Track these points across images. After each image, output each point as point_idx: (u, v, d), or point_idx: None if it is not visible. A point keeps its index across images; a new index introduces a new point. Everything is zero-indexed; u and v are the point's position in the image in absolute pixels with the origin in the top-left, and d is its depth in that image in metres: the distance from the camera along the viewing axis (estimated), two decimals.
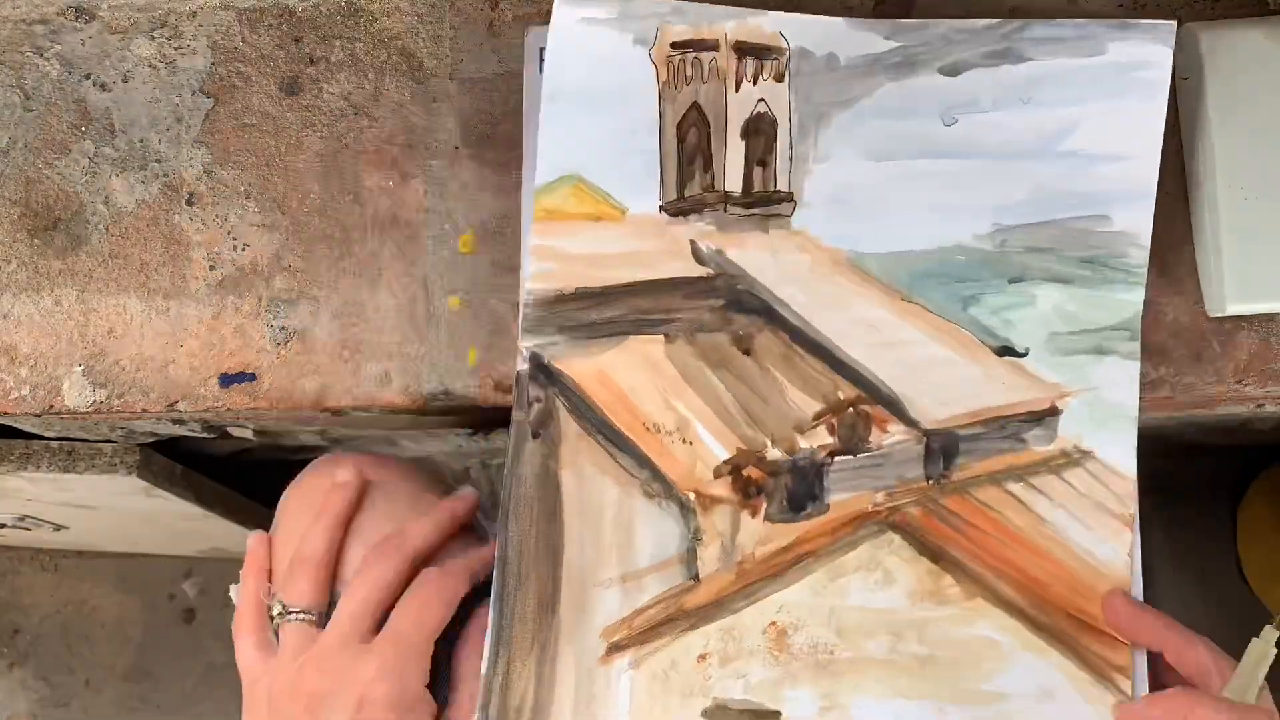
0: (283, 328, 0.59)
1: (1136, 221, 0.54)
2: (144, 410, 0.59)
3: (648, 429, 0.55)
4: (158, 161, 0.60)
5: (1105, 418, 0.54)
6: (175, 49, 0.61)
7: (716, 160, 0.55)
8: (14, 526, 0.99)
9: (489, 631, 0.53)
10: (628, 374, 0.55)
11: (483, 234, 0.59)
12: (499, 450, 0.93)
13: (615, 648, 0.53)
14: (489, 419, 0.63)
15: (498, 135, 0.59)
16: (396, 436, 0.89)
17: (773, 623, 0.53)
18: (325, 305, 0.59)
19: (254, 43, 0.61)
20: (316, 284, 0.59)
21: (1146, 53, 0.53)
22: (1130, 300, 0.54)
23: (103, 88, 0.61)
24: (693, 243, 0.55)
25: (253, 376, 0.58)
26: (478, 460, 0.99)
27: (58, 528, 1.01)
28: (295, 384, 0.58)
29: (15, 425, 0.67)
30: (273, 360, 0.58)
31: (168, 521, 0.94)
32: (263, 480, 1.08)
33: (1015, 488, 0.54)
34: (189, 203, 0.60)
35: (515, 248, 0.58)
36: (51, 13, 0.62)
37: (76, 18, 0.62)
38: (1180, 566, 1.19)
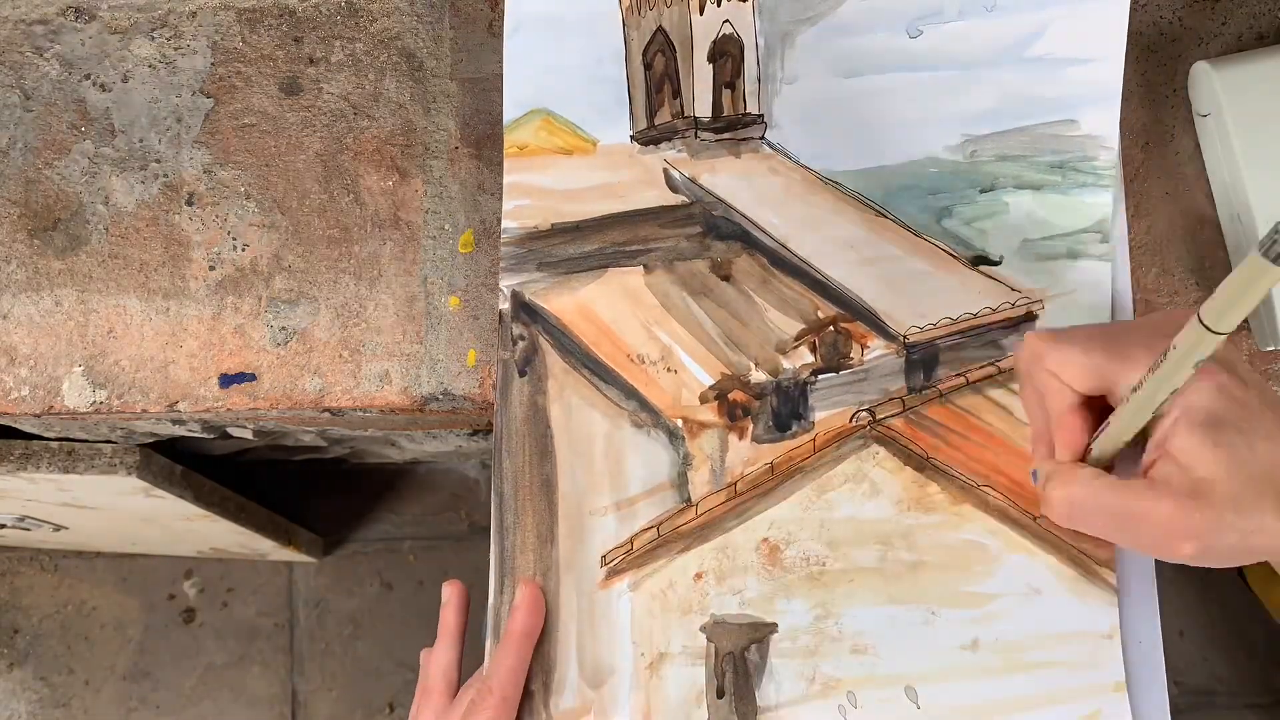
0: (283, 328, 0.59)
1: (1104, 123, 0.54)
2: (144, 411, 0.59)
3: (632, 360, 0.55)
4: (158, 161, 0.60)
5: (1081, 319, 0.54)
6: (175, 49, 0.61)
7: (685, 86, 0.56)
8: (14, 526, 0.99)
9: (492, 564, 0.54)
10: (609, 306, 0.55)
11: (482, 234, 0.59)
12: None
13: (614, 572, 0.54)
14: (488, 419, 0.63)
15: (498, 135, 0.59)
16: (396, 436, 0.89)
17: (764, 539, 0.54)
18: (325, 305, 0.59)
19: (254, 43, 0.61)
20: (316, 284, 0.59)
21: None
22: (1100, 203, 0.54)
23: (103, 88, 0.61)
24: (666, 171, 0.56)
25: (253, 376, 0.58)
26: (477, 460, 0.99)
27: (58, 528, 1.01)
28: (295, 384, 0.58)
29: (15, 425, 0.67)
30: (272, 360, 0.58)
31: (168, 521, 0.94)
32: (263, 480, 1.09)
33: (996, 394, 0.54)
34: (189, 203, 0.60)
35: None
36: (51, 13, 0.62)
37: (76, 18, 0.62)
38: (1180, 567, 1.18)
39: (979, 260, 0.55)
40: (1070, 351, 0.44)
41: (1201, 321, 0.36)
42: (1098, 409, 0.45)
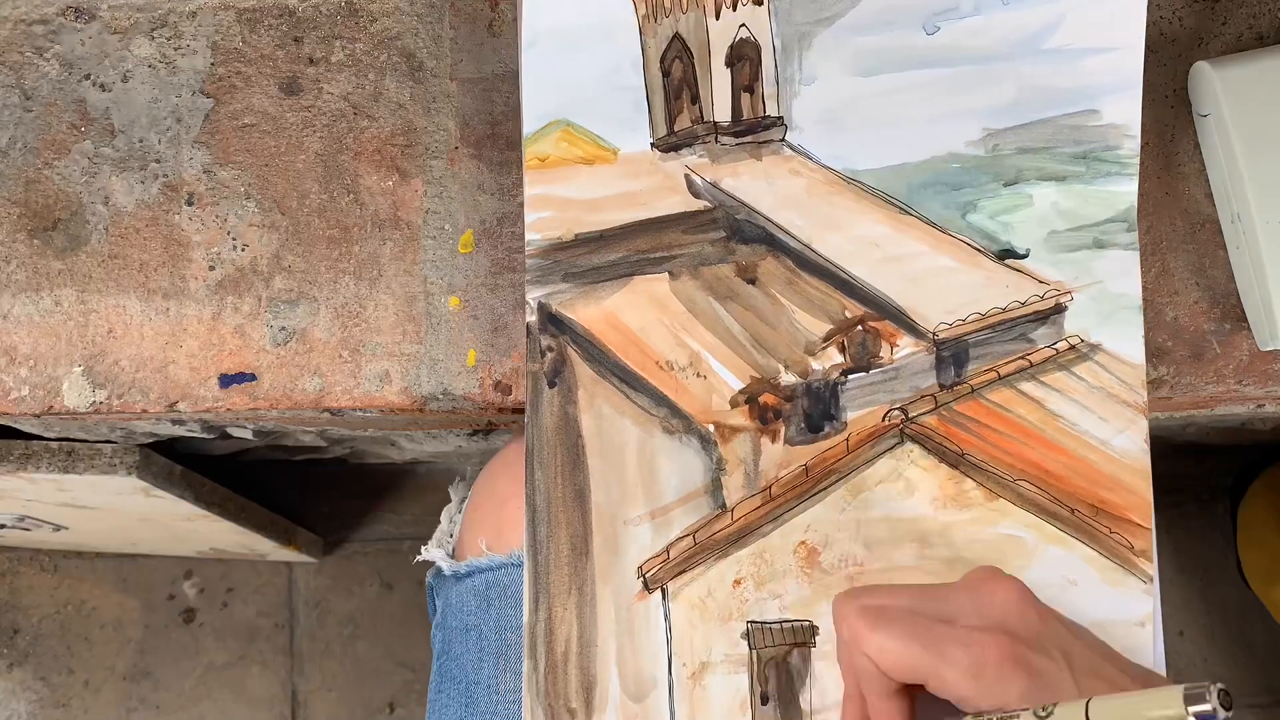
0: (282, 328, 0.59)
1: (1126, 112, 0.54)
2: (144, 411, 0.59)
3: (661, 367, 0.55)
4: (158, 161, 0.60)
5: (1110, 310, 0.54)
6: (175, 49, 0.61)
7: (703, 91, 0.56)
8: (14, 526, 0.99)
9: (526, 580, 0.54)
10: (636, 314, 0.55)
11: (482, 234, 0.59)
12: (498, 451, 0.93)
13: (651, 582, 0.54)
14: (488, 419, 0.63)
15: (498, 135, 0.59)
16: (396, 436, 0.89)
17: (802, 542, 0.54)
18: (325, 305, 0.59)
19: (254, 43, 0.61)
20: (316, 284, 0.59)
21: None
22: (1125, 192, 0.54)
23: (102, 88, 0.61)
24: (687, 177, 0.56)
25: (252, 377, 0.58)
26: (477, 460, 0.99)
27: (58, 528, 1.01)
28: (295, 384, 0.58)
29: (15, 425, 0.67)
30: (272, 360, 0.59)
31: (167, 522, 0.94)
32: (263, 480, 1.08)
33: (1027, 387, 0.54)
34: (189, 203, 0.60)
35: (515, 248, 0.58)
36: (51, 13, 0.62)
37: (76, 18, 0.62)
38: (1180, 567, 1.19)
39: (1005, 254, 0.55)
40: (888, 641, 0.43)
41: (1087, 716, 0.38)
42: (912, 692, 0.45)
